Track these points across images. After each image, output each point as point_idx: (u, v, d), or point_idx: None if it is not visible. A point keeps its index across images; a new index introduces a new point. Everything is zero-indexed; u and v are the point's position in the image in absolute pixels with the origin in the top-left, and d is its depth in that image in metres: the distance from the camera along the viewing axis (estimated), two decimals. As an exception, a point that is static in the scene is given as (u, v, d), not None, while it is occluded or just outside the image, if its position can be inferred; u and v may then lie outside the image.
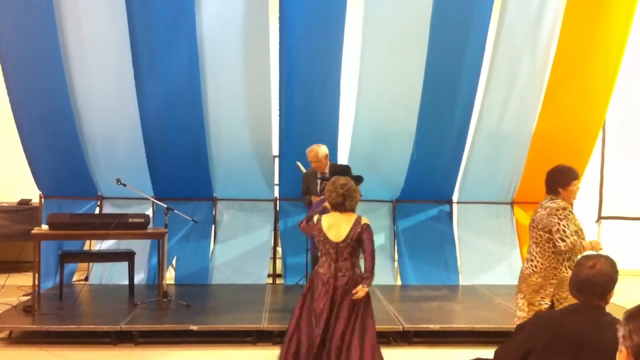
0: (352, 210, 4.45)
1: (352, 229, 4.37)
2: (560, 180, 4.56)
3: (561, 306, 4.27)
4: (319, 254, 4.50)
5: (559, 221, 4.41)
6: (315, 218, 4.49)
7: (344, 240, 4.36)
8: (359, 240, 4.40)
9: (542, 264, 4.52)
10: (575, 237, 4.39)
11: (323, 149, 6.76)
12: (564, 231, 4.38)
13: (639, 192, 8.67)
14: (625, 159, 8.94)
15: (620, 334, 1.91)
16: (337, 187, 4.39)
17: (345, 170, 5.03)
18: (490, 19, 7.48)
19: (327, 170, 6.51)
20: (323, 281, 4.36)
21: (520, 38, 7.69)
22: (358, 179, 4.92)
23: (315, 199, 4.75)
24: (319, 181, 6.51)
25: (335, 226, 4.39)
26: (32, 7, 7.06)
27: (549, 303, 4.43)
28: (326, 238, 4.37)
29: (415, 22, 7.39)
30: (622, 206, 8.66)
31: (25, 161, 7.79)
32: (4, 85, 7.39)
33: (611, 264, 2.82)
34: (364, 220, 4.46)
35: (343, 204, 4.39)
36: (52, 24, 7.11)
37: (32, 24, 7.10)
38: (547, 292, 4.46)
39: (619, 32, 7.57)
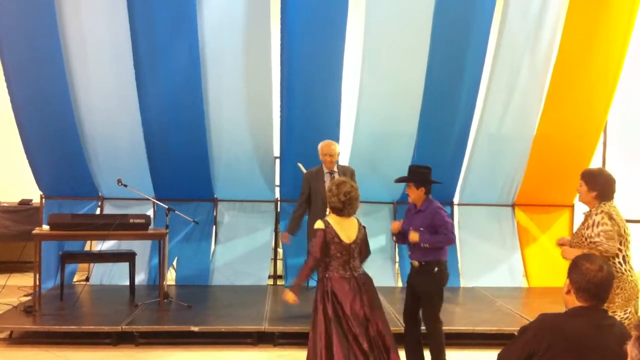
0: (352, 214, 4.50)
1: (359, 230, 4.48)
2: None
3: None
4: (327, 259, 4.39)
5: None
6: (322, 224, 4.40)
7: (355, 242, 4.43)
8: (363, 240, 4.52)
9: None
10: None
11: (338, 146, 6.57)
12: None
13: (640, 195, 8.68)
14: (627, 162, 8.93)
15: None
16: (340, 193, 4.37)
17: (426, 173, 5.08)
18: (492, 21, 7.49)
19: (336, 169, 6.39)
20: (346, 288, 4.33)
21: (521, 40, 7.69)
22: (435, 183, 5.09)
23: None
24: (327, 179, 6.29)
25: (345, 228, 4.43)
26: (33, 7, 7.06)
27: None
28: (340, 240, 4.38)
29: (416, 23, 7.39)
30: (623, 209, 8.65)
31: (26, 161, 7.79)
32: (5, 85, 7.40)
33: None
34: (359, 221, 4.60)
35: (342, 210, 4.40)
36: (53, 24, 7.11)
37: (33, 23, 7.10)
38: None
39: (621, 34, 7.57)
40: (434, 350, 5.03)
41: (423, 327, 5.16)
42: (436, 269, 4.95)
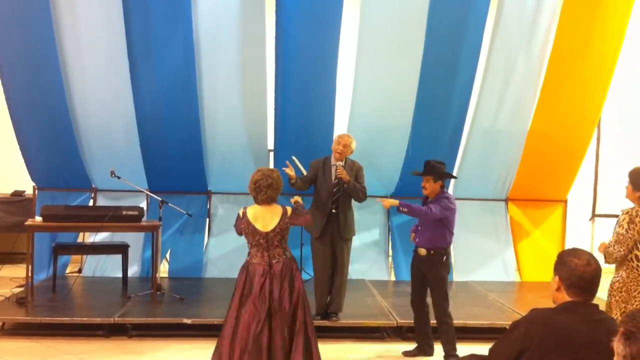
0: (269, 202, 4.60)
1: (281, 220, 4.55)
2: None
3: None
4: (249, 246, 4.60)
5: None
6: (241, 212, 4.62)
7: (273, 230, 4.52)
8: (288, 227, 4.60)
9: None
10: None
11: (355, 142, 6.35)
12: None
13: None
14: (620, 158, 8.96)
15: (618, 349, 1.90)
16: (251, 182, 4.60)
17: (443, 168, 5.36)
18: (487, 17, 7.48)
19: (343, 163, 6.17)
20: (260, 272, 4.48)
21: (516, 36, 7.68)
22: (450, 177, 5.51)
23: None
24: (333, 170, 6.15)
25: (262, 217, 4.55)
26: (28, 0, 7.03)
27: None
28: (255, 229, 4.51)
29: (412, 18, 7.38)
30: (616, 204, 8.69)
31: (19, 152, 7.76)
32: (-2, 76, 7.36)
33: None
34: (289, 210, 4.64)
35: (256, 198, 4.59)
36: (48, 16, 7.07)
37: (28, 16, 7.06)
38: None
39: (615, 31, 7.57)
40: (445, 343, 5.31)
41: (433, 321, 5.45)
42: (445, 257, 5.22)
